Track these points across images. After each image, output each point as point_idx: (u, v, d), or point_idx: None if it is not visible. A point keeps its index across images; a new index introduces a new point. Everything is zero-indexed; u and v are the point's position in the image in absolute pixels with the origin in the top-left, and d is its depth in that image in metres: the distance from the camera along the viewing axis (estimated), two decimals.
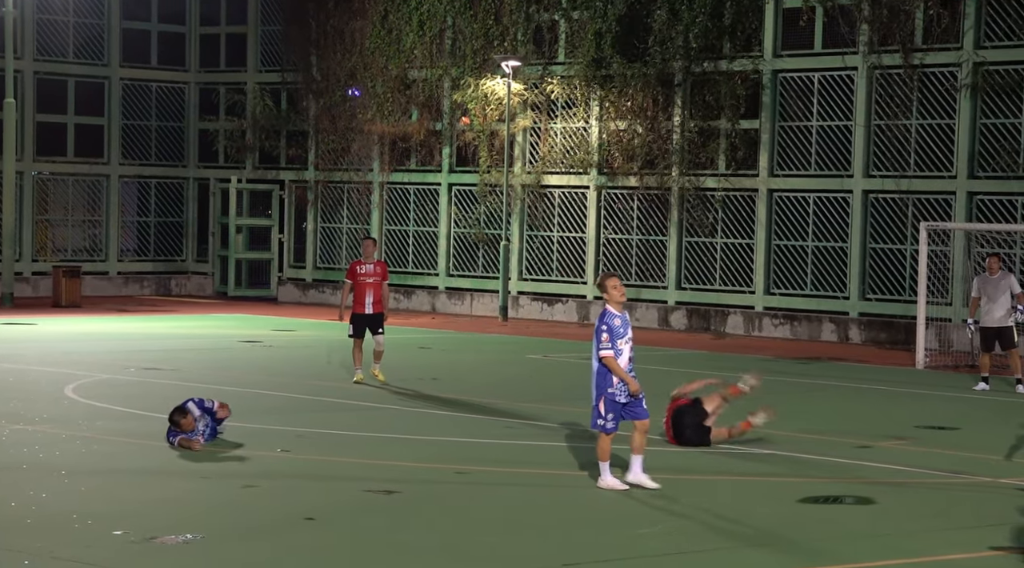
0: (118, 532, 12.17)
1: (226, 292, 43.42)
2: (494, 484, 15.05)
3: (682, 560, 11.88)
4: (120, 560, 11.35)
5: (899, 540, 12.76)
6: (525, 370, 26.41)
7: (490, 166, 39.09)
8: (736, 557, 11.97)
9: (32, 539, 11.92)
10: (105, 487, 14.30)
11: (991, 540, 12.79)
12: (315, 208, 43.17)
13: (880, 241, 33.72)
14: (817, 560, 11.92)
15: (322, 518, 13.02)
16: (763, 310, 34.92)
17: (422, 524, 12.92)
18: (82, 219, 44.28)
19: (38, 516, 12.83)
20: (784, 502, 14.26)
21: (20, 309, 36.95)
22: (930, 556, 12.20)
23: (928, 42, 32.81)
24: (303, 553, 11.73)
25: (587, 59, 36.95)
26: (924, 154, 33.11)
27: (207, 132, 45.45)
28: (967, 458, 17.16)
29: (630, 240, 37.32)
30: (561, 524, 13.07)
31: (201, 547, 11.81)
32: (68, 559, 11.32)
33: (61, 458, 15.76)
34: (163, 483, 14.61)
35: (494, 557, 11.73)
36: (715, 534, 12.87)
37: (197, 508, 13.37)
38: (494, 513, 13.56)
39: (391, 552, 11.80)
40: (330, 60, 41.98)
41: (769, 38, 34.91)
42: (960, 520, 13.70)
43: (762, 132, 35.09)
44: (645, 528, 12.91)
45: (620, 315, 14.44)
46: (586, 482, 15.13)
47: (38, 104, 42.83)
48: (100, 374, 23.37)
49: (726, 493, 14.85)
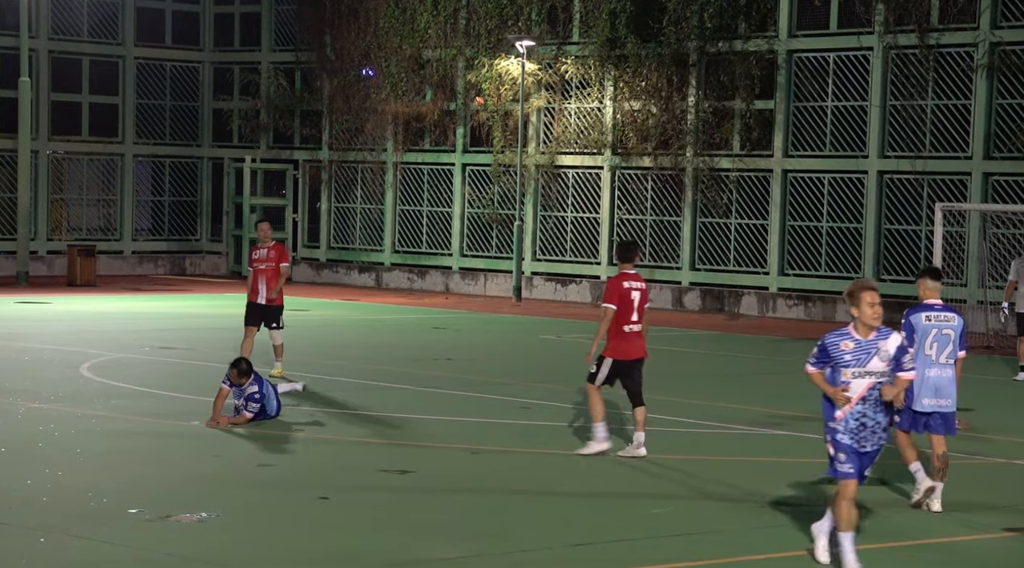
0: (133, 510, 12.21)
1: (240, 271, 43.45)
2: (508, 464, 15.07)
3: (691, 540, 11.90)
4: (135, 538, 11.39)
5: (913, 521, 12.77)
6: (539, 351, 26.42)
7: (504, 146, 39.06)
8: (744, 538, 11.98)
9: (48, 516, 11.97)
10: (120, 465, 14.35)
11: (1005, 521, 12.80)
12: (329, 188, 43.19)
13: (895, 222, 33.67)
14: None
15: (336, 497, 13.06)
16: (777, 291, 34.89)
17: (436, 503, 12.95)
18: (97, 198, 44.35)
19: (53, 494, 12.88)
20: (796, 483, 14.26)
21: (35, 288, 37.04)
22: (944, 537, 12.21)
23: (944, 22, 32.71)
24: (317, 531, 11.76)
25: (601, 39, 36.89)
26: (940, 135, 33.03)
27: (221, 112, 45.47)
28: (982, 439, 17.15)
29: (644, 221, 37.30)
30: (574, 504, 13.10)
31: (216, 525, 11.85)
32: (83, 536, 11.37)
33: (76, 436, 15.81)
34: (178, 461, 14.66)
35: (507, 536, 11.75)
36: (727, 514, 12.88)
37: (212, 486, 13.41)
38: (507, 493, 13.58)
39: (405, 530, 11.82)
40: (344, 40, 41.95)
41: (784, 18, 34.82)
42: (975, 501, 13.70)
43: (777, 113, 35.02)
44: (657, 508, 12.93)
45: (859, 340, 11.01)
46: (599, 463, 15.15)
47: (53, 83, 42.86)
48: (115, 353, 23.44)
49: (744, 473, 14.85)
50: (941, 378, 13.22)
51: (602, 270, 37.53)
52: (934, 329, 13.28)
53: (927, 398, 13.21)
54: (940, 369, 13.25)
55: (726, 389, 21.21)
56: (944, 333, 13.29)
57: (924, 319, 13.31)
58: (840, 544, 10.70)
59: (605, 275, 37.33)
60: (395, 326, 30.18)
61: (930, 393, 13.21)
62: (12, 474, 13.67)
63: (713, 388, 21.42)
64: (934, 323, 13.31)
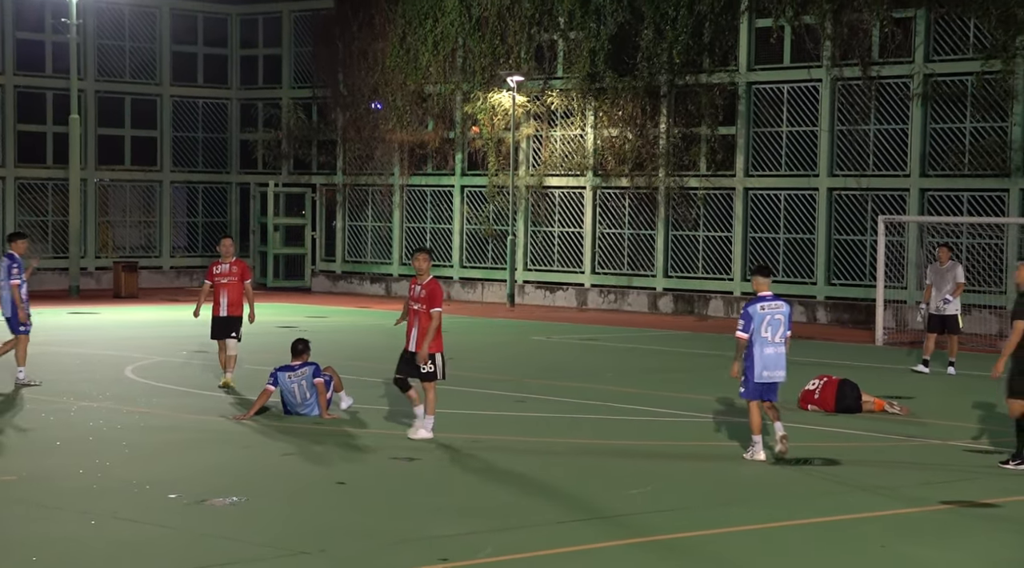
0: (173, 495, 12.22)
1: (265, 283, 43.44)
2: (506, 450, 15.08)
3: (668, 516, 11.93)
4: (175, 520, 11.41)
5: (860, 496, 12.79)
6: (530, 350, 26.42)
7: (498, 169, 39.08)
8: (714, 513, 12.01)
9: (98, 502, 11.99)
10: (161, 456, 14.35)
11: (941, 495, 12.83)
12: (343, 208, 43.18)
13: (843, 233, 33.70)
14: (791, 515, 11.96)
15: (352, 482, 13.07)
16: (740, 295, 34.91)
17: (443, 487, 12.96)
18: (138, 220, 44.32)
19: (103, 482, 12.89)
20: (759, 464, 14.28)
21: (85, 300, 37.02)
22: (887, 510, 12.24)
23: (884, 56, 32.76)
24: (336, 513, 11.77)
25: (583, 74, 36.92)
26: (881, 155, 33.08)
27: (247, 142, 45.45)
28: (919, 424, 17.18)
29: (622, 234, 37.31)
30: (563, 485, 13.11)
31: (245, 508, 11.86)
32: (129, 519, 11.38)
33: (122, 431, 15.81)
34: (212, 452, 14.66)
35: (508, 514, 11.77)
36: (697, 494, 12.90)
37: (241, 474, 13.41)
38: (506, 476, 13.59)
39: (416, 511, 11.83)
40: (355, 77, 41.97)
41: (744, 54, 34.86)
42: (914, 478, 13.73)
43: (738, 137, 35.06)
44: (635, 489, 12.95)
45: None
46: (585, 448, 15.17)
47: (99, 119, 42.86)
48: (155, 356, 23.43)
49: (710, 457, 14.87)
50: (775, 355, 14.26)
51: (586, 278, 37.54)
52: (767, 315, 14.25)
53: (766, 371, 14.26)
54: (774, 347, 14.27)
55: (698, 382, 21.21)
56: (776, 318, 14.28)
57: (759, 308, 14.27)
58: None
59: (589, 283, 37.35)
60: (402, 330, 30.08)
61: (770, 366, 14.26)
62: (66, 464, 13.68)
63: (686, 381, 21.42)
64: (767, 311, 14.28)
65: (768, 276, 14.57)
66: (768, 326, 14.22)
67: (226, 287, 19.27)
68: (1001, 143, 31.23)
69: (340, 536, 10.91)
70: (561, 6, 37.49)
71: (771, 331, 14.23)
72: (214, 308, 19.34)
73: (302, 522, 11.38)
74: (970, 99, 31.67)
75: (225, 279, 19.29)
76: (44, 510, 11.67)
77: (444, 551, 10.42)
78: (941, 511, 12.24)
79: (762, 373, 14.22)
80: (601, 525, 11.40)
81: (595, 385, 20.42)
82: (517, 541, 10.83)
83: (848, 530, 11.46)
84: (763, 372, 14.22)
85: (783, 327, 14.29)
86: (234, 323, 19.24)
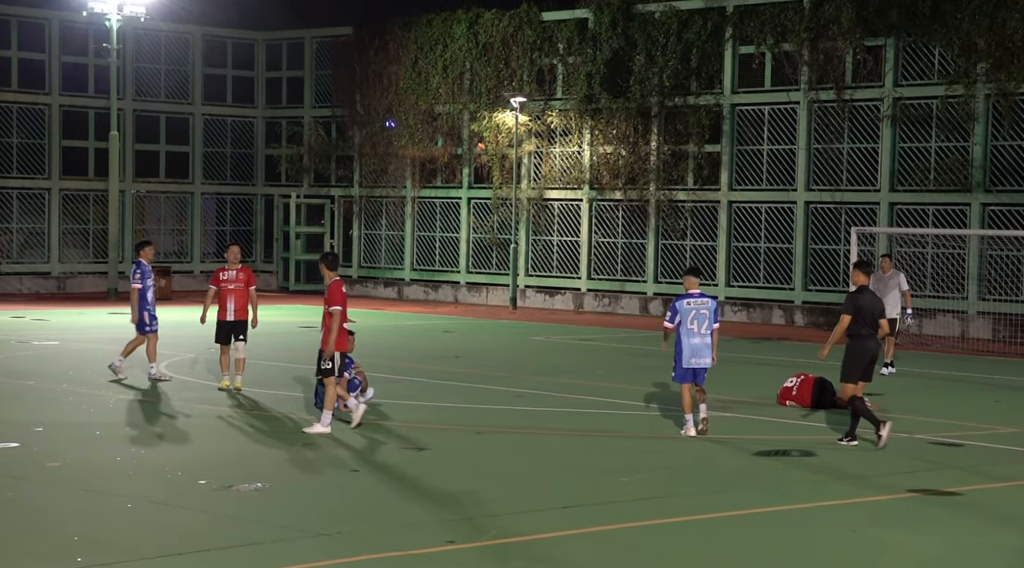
0: (203, 481, 12.22)
1: (288, 287, 43.47)
2: (507, 442, 15.09)
3: (657, 503, 11.92)
4: (204, 503, 11.41)
5: (834, 485, 12.79)
6: (531, 349, 26.41)
7: (502, 183, 39.08)
8: (700, 500, 12.00)
9: (133, 487, 11.99)
10: (191, 445, 14.35)
11: (908, 484, 12.82)
12: (359, 218, 43.18)
13: (819, 243, 33.69)
14: (769, 502, 11.96)
15: (366, 470, 13.06)
16: (725, 299, 34.89)
17: (449, 475, 12.94)
18: (171, 228, 44.33)
19: (138, 468, 12.89)
20: (742, 456, 14.28)
21: (122, 301, 36.90)
22: (859, 498, 12.23)
23: (856, 81, 32.77)
24: (351, 497, 11.77)
25: (580, 95, 36.94)
26: (854, 172, 33.07)
27: (272, 157, 45.47)
28: (889, 418, 17.15)
29: (616, 243, 37.30)
30: (561, 474, 13.10)
31: (269, 493, 11.86)
32: (162, 503, 11.38)
33: (156, 421, 15.81)
34: (238, 442, 14.66)
35: (510, 501, 11.76)
36: (684, 482, 12.89)
37: (265, 462, 13.41)
38: (507, 466, 13.59)
39: (425, 497, 11.82)
40: (371, 98, 41.99)
41: (728, 78, 34.87)
42: (883, 468, 13.72)
43: (723, 154, 35.05)
44: (626, 477, 12.94)
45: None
46: (579, 440, 15.16)
47: (136, 136, 42.88)
48: (187, 354, 23.42)
49: (694, 449, 14.87)
50: (701, 344, 15.19)
51: (582, 283, 37.52)
52: (693, 310, 15.19)
53: (693, 358, 15.18)
54: (700, 338, 15.20)
55: None
56: (701, 312, 15.19)
57: (686, 304, 15.24)
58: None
59: (585, 288, 37.34)
60: (413, 330, 30.16)
61: (696, 354, 15.17)
62: (104, 452, 13.68)
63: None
64: (693, 306, 15.22)
65: (698, 276, 15.52)
66: (695, 319, 15.11)
67: (232, 292, 18.82)
68: (963, 161, 31.23)
69: (355, 519, 10.90)
70: (560, 33, 37.53)
71: (697, 323, 15.12)
72: (220, 312, 18.84)
73: (320, 506, 11.38)
74: (935, 121, 31.67)
75: (231, 285, 18.86)
76: (85, 494, 11.68)
77: (450, 534, 10.42)
78: (909, 498, 12.23)
79: (690, 359, 15.14)
80: (596, 510, 11.39)
81: (590, 381, 20.40)
82: (518, 525, 10.82)
83: (822, 516, 11.45)
84: (691, 359, 15.14)
85: (708, 320, 15.17)
86: (240, 327, 18.78)
